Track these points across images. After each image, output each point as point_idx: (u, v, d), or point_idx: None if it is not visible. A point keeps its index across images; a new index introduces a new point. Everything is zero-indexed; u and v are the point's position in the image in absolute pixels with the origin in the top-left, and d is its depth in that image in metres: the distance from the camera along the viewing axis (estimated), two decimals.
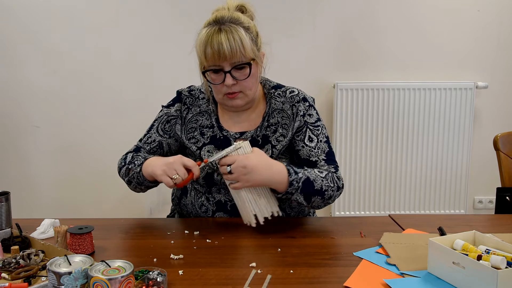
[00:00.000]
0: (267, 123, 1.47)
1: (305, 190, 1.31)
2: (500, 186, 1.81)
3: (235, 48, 1.30)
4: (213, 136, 1.47)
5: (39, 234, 1.30)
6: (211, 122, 1.49)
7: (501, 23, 2.89)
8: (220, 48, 1.30)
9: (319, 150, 1.43)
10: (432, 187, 2.95)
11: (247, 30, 1.35)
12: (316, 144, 1.43)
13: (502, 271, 0.92)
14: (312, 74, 2.88)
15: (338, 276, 1.07)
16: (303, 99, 1.47)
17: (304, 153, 1.43)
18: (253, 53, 1.35)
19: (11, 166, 2.90)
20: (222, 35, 1.30)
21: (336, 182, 1.38)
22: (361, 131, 2.89)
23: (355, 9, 2.85)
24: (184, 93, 1.53)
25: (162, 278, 0.98)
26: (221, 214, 1.46)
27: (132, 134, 2.86)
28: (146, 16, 2.80)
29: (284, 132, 1.45)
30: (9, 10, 2.75)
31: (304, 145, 1.43)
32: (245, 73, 1.36)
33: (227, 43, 1.29)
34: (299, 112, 1.45)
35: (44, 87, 2.82)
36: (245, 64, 1.35)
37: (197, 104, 1.51)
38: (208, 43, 1.31)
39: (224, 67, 1.34)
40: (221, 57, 1.31)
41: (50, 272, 0.92)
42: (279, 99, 1.48)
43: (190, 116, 1.50)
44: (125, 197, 2.93)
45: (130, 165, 1.43)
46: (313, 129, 1.45)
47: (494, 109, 2.98)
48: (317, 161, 1.42)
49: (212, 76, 1.37)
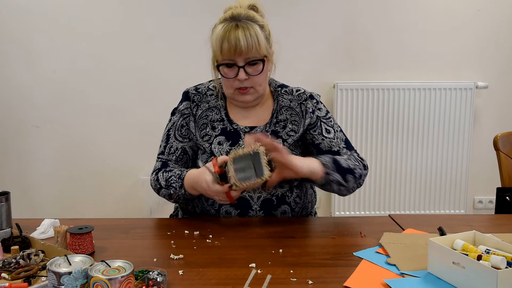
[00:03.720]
0: (276, 120, 1.50)
1: (338, 170, 1.39)
2: (500, 186, 1.81)
3: (251, 44, 1.35)
4: (223, 128, 1.49)
5: (39, 234, 1.30)
6: (221, 116, 1.51)
7: (501, 23, 2.89)
8: (237, 44, 1.34)
9: (338, 140, 1.51)
10: (432, 187, 2.95)
11: (262, 28, 1.41)
12: (334, 134, 1.51)
13: (502, 271, 0.92)
14: (312, 74, 2.88)
15: (338, 276, 1.06)
16: (310, 97, 1.53)
17: (326, 145, 1.49)
18: (266, 50, 1.41)
19: (11, 166, 2.90)
20: (239, 31, 1.35)
21: (360, 161, 1.48)
22: (361, 131, 2.89)
23: (355, 9, 2.85)
24: (191, 92, 1.55)
25: (162, 278, 0.98)
26: (227, 207, 1.47)
27: (131, 134, 2.88)
28: (146, 17, 2.80)
29: (294, 128, 1.50)
30: (9, 10, 2.75)
31: (324, 138, 1.50)
32: (258, 69, 1.40)
33: (244, 39, 1.35)
34: (308, 110, 1.50)
35: (44, 87, 2.82)
36: (259, 60, 1.40)
37: (205, 100, 1.53)
38: (225, 38, 1.36)
39: (238, 62, 1.38)
40: (237, 52, 1.35)
41: (50, 272, 0.92)
42: (286, 97, 1.53)
43: (200, 113, 1.52)
44: (125, 197, 2.93)
45: (170, 189, 1.45)
46: (326, 122, 1.51)
47: (494, 109, 2.98)
48: (339, 150, 1.50)
49: (225, 70, 1.41)
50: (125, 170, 2.89)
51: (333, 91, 2.87)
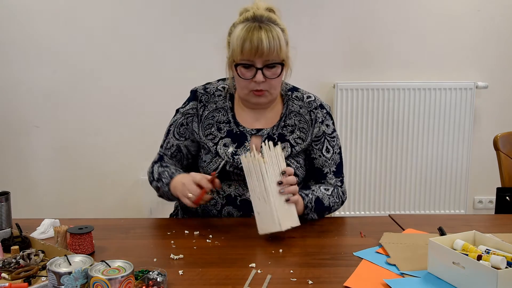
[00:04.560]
0: (283, 123, 1.50)
1: (317, 209, 1.42)
2: (500, 186, 1.81)
3: (273, 47, 1.34)
4: (229, 130, 1.49)
5: (39, 234, 1.30)
6: (228, 118, 1.50)
7: (501, 23, 2.89)
8: (259, 45, 1.33)
9: (332, 161, 1.51)
10: (432, 187, 2.95)
11: (283, 31, 1.40)
12: (331, 155, 1.51)
13: (502, 271, 0.92)
14: (312, 74, 2.88)
15: (338, 276, 1.07)
16: (320, 106, 1.52)
17: (319, 163, 1.50)
18: (285, 55, 1.40)
19: (11, 166, 2.90)
20: (262, 32, 1.34)
21: (340, 197, 1.50)
22: (361, 131, 2.89)
23: (355, 10, 2.85)
24: (199, 91, 1.54)
25: (162, 278, 0.98)
26: (230, 208, 1.47)
27: (131, 134, 2.88)
28: (146, 17, 2.80)
29: (302, 136, 1.49)
30: (9, 10, 2.75)
31: (321, 155, 1.50)
32: (276, 72, 1.39)
33: (267, 41, 1.33)
34: (317, 119, 1.50)
35: (44, 87, 2.82)
36: (277, 64, 1.38)
37: (213, 100, 1.52)
38: (248, 38, 1.34)
39: (257, 63, 1.37)
40: (258, 53, 1.34)
41: (50, 272, 0.92)
42: (296, 102, 1.52)
43: (206, 113, 1.51)
44: (125, 197, 2.93)
45: (159, 182, 1.47)
46: (330, 140, 1.52)
47: (494, 109, 2.98)
48: (328, 172, 1.50)
49: (243, 70, 1.39)
50: (125, 170, 2.89)
51: (333, 91, 2.87)
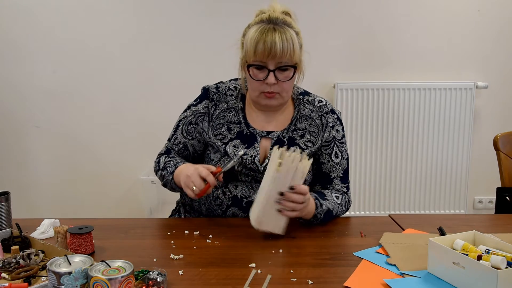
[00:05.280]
0: (294, 127, 1.50)
1: (324, 220, 1.41)
2: (500, 186, 1.81)
3: (287, 49, 1.35)
4: (239, 131, 1.48)
5: (39, 234, 1.30)
6: (238, 119, 1.50)
7: (501, 23, 2.89)
8: (273, 46, 1.33)
9: (339, 167, 1.52)
10: (432, 187, 2.95)
11: (297, 35, 1.41)
12: (340, 161, 1.52)
13: (502, 271, 0.92)
14: (312, 74, 2.86)
15: (338, 276, 1.07)
16: (331, 111, 1.53)
17: (327, 168, 1.51)
18: (298, 58, 1.40)
19: (11, 166, 2.90)
20: (276, 34, 1.34)
21: (346, 204, 1.51)
22: (361, 131, 2.89)
23: (355, 10, 2.85)
24: (211, 90, 1.53)
25: (162, 278, 0.98)
26: (235, 209, 1.46)
27: (131, 134, 2.88)
28: (146, 17, 2.80)
29: (312, 140, 1.49)
30: (9, 10, 2.75)
31: (330, 160, 1.51)
32: (288, 75, 1.39)
33: (281, 43, 1.34)
34: (328, 124, 1.51)
35: (45, 87, 2.83)
36: (290, 66, 1.38)
37: (224, 100, 1.52)
38: (262, 39, 1.34)
39: (269, 65, 1.37)
40: (271, 55, 1.34)
41: (50, 272, 0.92)
42: (308, 106, 1.52)
43: (217, 113, 1.51)
44: (125, 197, 2.93)
45: (164, 171, 1.48)
46: (339, 145, 1.52)
47: (494, 109, 2.98)
48: (334, 178, 1.51)
49: (255, 71, 1.39)
50: (125, 170, 2.89)
51: (333, 91, 2.87)
